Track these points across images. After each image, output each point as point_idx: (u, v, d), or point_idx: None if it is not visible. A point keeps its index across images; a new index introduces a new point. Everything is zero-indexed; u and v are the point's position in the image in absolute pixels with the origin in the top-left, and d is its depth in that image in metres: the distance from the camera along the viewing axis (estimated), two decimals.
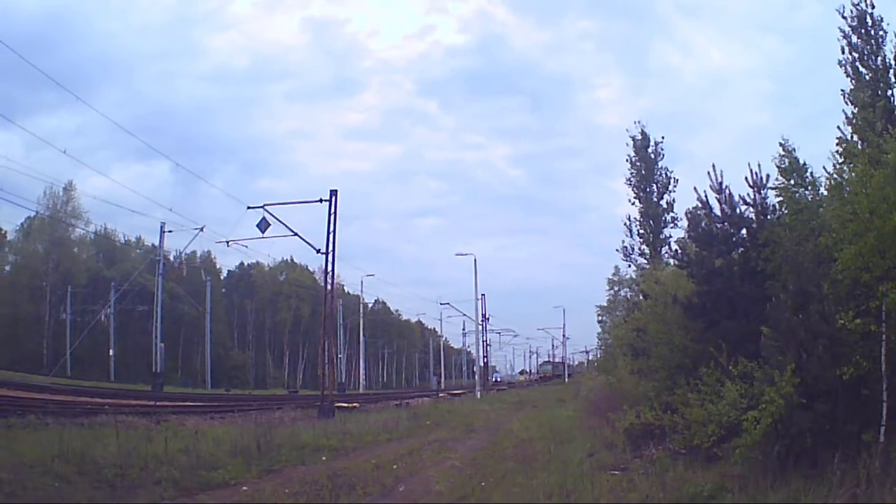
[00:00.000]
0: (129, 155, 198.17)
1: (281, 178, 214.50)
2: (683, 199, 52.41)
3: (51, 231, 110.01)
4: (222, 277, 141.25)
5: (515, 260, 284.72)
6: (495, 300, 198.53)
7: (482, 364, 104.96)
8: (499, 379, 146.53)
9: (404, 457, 24.12)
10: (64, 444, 17.99)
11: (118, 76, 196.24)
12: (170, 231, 76.73)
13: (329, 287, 53.41)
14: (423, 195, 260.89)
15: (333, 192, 49.78)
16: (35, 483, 14.85)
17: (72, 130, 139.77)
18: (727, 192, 21.55)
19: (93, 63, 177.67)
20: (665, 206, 53.69)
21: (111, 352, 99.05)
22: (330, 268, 51.12)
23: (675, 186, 53.76)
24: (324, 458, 23.45)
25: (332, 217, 49.43)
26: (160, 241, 78.39)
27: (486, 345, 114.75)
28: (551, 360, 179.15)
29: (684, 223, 45.11)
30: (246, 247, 58.52)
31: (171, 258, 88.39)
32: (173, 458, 19.32)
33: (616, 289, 59.78)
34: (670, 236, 51.07)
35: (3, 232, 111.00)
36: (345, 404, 52.50)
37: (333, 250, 49.70)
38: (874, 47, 27.02)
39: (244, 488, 17.50)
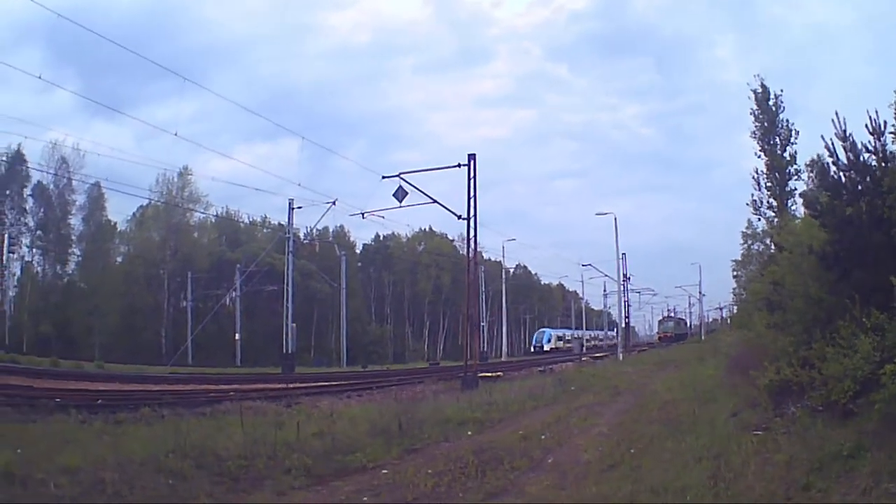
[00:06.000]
0: (252, 136, 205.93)
1: (414, 150, 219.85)
2: (803, 153, 55.87)
3: (166, 218, 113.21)
4: (357, 251, 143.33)
5: (651, 219, 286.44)
6: (633, 260, 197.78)
7: (624, 325, 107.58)
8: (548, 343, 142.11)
9: (551, 425, 24.35)
10: (181, 437, 17.33)
11: (234, 61, 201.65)
12: (299, 207, 77.27)
13: (471, 254, 53.51)
14: (560, 157, 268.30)
15: (472, 157, 50.80)
16: (144, 481, 14.14)
17: (188, 118, 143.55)
18: (851, 139, 20.87)
19: (206, 50, 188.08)
20: (788, 158, 57.12)
21: (237, 336, 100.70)
22: (472, 234, 51.63)
23: (796, 138, 57.21)
24: (469, 433, 23.45)
25: (472, 182, 50.48)
26: (289, 219, 78.45)
27: (627, 305, 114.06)
28: (674, 314, 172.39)
29: (806, 176, 45.94)
30: (383, 217, 59.88)
31: (301, 235, 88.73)
32: (305, 443, 18.93)
33: (749, 242, 64.88)
34: (795, 189, 55.62)
35: (113, 223, 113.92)
36: (488, 374, 52.84)
37: (475, 216, 51.20)
38: None
39: (384, 471, 17.08)
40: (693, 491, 12.47)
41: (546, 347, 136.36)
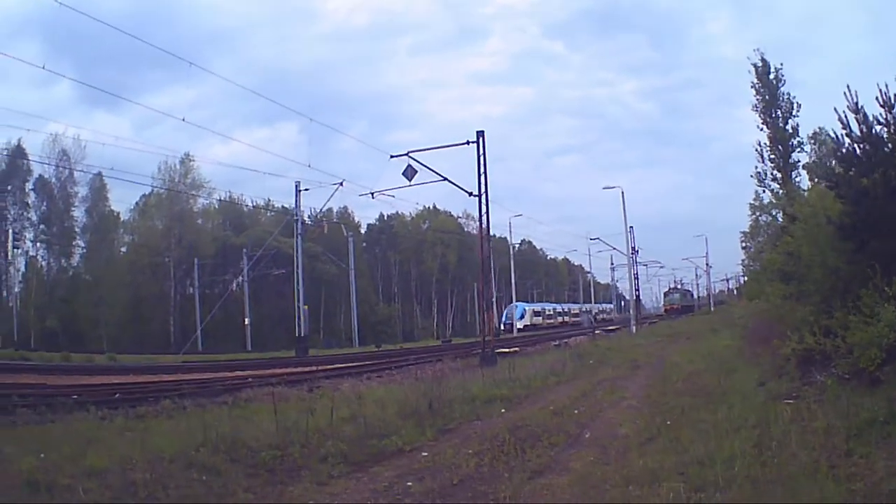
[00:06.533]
0: (251, 121, 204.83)
1: (413, 129, 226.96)
2: (803, 126, 58.62)
3: (169, 205, 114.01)
4: (362, 231, 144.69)
5: (652, 192, 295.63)
6: (636, 233, 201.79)
7: (635, 298, 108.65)
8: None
9: (579, 400, 24.56)
10: (209, 430, 16.89)
11: (231, 47, 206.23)
12: (306, 189, 77.40)
13: (485, 230, 53.85)
14: (559, 133, 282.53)
15: (480, 133, 51.50)
16: (178, 480, 13.57)
17: (186, 106, 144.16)
18: (863, 111, 21.19)
19: (202, 37, 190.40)
20: (791, 130, 58.64)
21: (247, 321, 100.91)
22: (484, 209, 51.76)
23: (798, 111, 58.75)
24: (503, 410, 23.30)
25: (482, 159, 51.17)
26: (296, 201, 78.41)
27: (636, 278, 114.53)
28: (680, 286, 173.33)
29: (809, 148, 51.57)
30: (393, 196, 60.67)
31: (306, 217, 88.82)
32: (337, 428, 18.53)
33: (757, 214, 67.42)
34: (798, 161, 58.03)
35: (116, 214, 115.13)
36: (505, 349, 53.48)
37: (486, 192, 51.68)
38: None
39: (423, 454, 16.69)
40: (740, 460, 12.43)
41: (519, 325, 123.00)
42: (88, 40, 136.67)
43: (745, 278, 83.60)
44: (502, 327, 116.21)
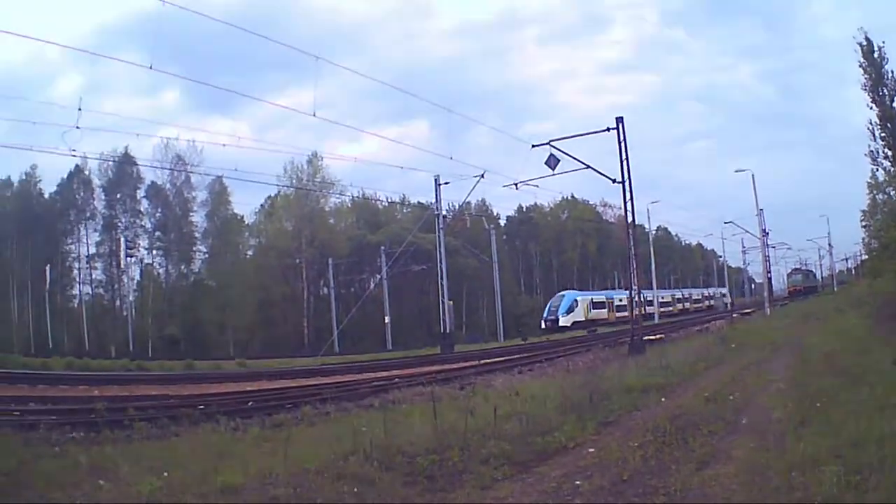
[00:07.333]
0: (379, 120, 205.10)
1: (547, 121, 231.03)
2: None
3: (298, 206, 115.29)
4: (501, 224, 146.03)
5: (775, 176, 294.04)
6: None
7: (767, 280, 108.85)
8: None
9: (729, 385, 25.10)
10: (359, 436, 16.14)
11: (353, 48, 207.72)
12: (446, 183, 77.86)
13: (630, 217, 55.19)
14: (687, 120, 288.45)
15: (619, 120, 52.51)
16: (326, 493, 12.70)
17: (309, 107, 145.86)
18: None
19: (323, 39, 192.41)
20: None
21: (386, 319, 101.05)
22: (628, 196, 52.72)
23: None
24: (662, 399, 23.44)
25: (623, 145, 52.24)
26: (436, 195, 79.12)
27: (768, 260, 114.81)
28: (803, 266, 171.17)
29: None
30: (537, 186, 60.37)
31: (444, 211, 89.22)
32: (497, 427, 17.70)
33: (874, 193, 66.93)
34: None
35: (240, 217, 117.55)
36: (652, 337, 54.64)
37: (629, 178, 52.79)
38: None
39: (590, 450, 16.22)
40: (890, 441, 12.66)
41: (563, 322, 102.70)
42: (198, 46, 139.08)
43: (866, 257, 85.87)
44: (543, 325, 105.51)
